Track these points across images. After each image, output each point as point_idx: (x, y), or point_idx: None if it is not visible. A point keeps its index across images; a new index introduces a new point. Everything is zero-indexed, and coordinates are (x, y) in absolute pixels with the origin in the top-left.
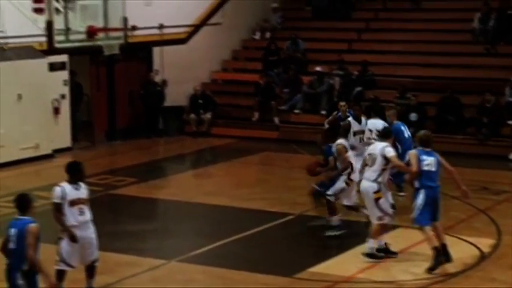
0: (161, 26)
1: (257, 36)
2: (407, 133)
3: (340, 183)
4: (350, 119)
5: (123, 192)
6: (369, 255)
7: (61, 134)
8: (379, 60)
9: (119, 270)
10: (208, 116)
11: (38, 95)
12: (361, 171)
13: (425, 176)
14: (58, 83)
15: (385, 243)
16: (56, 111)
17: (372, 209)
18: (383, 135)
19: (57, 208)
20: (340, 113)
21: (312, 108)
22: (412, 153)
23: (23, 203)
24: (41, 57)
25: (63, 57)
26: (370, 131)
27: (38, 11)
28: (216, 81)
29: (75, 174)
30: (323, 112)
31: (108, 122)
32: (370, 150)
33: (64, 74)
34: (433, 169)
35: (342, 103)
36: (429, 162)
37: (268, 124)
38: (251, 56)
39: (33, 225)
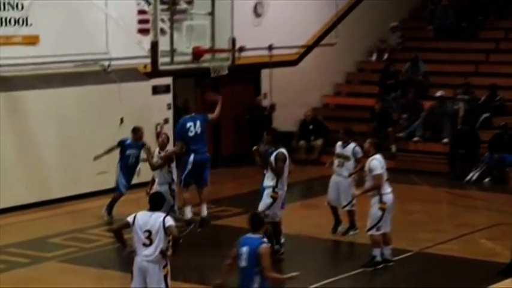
0: (270, 47)
1: (373, 57)
2: None
3: (266, 199)
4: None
5: (227, 223)
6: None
7: None
8: (509, 83)
9: None
10: (318, 142)
11: (140, 119)
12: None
13: None
14: (162, 107)
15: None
16: (159, 135)
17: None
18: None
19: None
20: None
21: (432, 136)
22: None
23: (257, 221)
24: (145, 79)
25: (168, 80)
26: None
27: (143, 32)
28: (328, 106)
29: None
30: (445, 140)
31: (212, 148)
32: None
33: (168, 98)
34: None
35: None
36: None
37: (384, 152)
38: (366, 79)
39: (266, 246)
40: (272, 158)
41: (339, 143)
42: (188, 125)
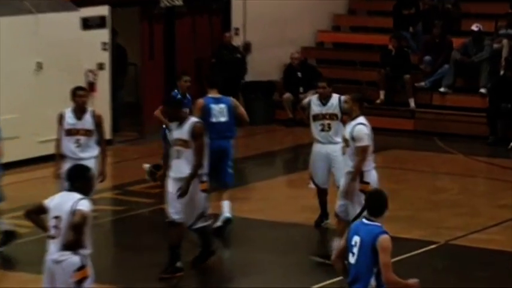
0: None
1: None
2: None
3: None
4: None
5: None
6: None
7: None
8: None
9: None
10: (310, 96)
11: (65, 64)
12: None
13: None
14: (94, 47)
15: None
16: (91, 87)
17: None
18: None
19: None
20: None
21: (465, 86)
22: None
23: (376, 201)
24: (72, 9)
25: (103, 10)
26: None
27: None
28: (323, 44)
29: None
30: (483, 91)
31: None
32: None
33: (103, 34)
34: None
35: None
36: None
37: (399, 109)
38: (376, 8)
39: (387, 238)
40: (188, 129)
41: (314, 99)
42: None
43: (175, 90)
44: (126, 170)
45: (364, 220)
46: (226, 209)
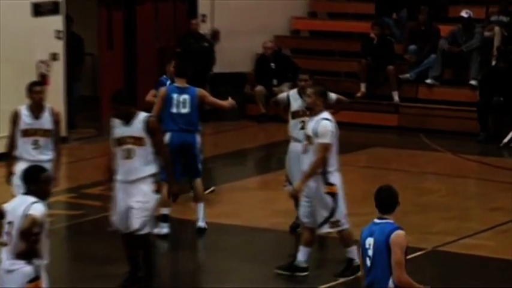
0: None
1: None
2: None
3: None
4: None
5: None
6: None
7: None
8: None
9: None
10: (285, 89)
11: (14, 54)
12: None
13: None
14: (47, 36)
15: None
16: (44, 80)
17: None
18: None
19: None
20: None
21: (454, 78)
22: None
23: (387, 198)
24: None
25: None
26: None
27: None
28: (299, 32)
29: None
30: (473, 83)
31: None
32: None
33: (57, 22)
34: None
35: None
36: None
37: (382, 103)
38: None
39: (400, 233)
40: (140, 125)
41: (293, 94)
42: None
43: (164, 76)
44: (82, 170)
45: (375, 220)
46: (200, 214)
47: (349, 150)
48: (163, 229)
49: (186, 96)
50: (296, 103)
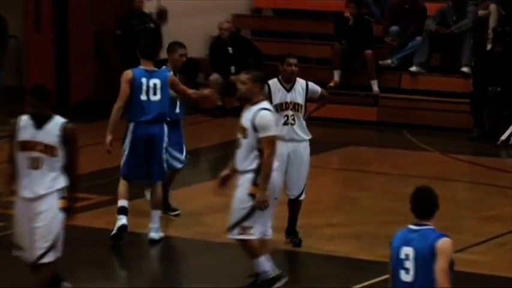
0: None
1: None
2: None
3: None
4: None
5: (82, 223)
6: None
7: None
8: None
9: None
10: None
11: None
12: None
13: None
14: None
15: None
16: None
17: None
18: None
19: None
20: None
21: (443, 64)
22: None
23: (424, 201)
24: None
25: None
26: None
27: None
28: (261, 11)
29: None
30: (465, 70)
31: (55, 88)
32: None
33: None
34: None
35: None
36: None
37: (359, 94)
38: None
39: (447, 240)
40: (55, 131)
41: (275, 82)
42: None
43: (164, 67)
44: None
45: (411, 226)
46: (154, 224)
47: (320, 150)
48: (122, 220)
49: (156, 81)
50: (279, 94)
